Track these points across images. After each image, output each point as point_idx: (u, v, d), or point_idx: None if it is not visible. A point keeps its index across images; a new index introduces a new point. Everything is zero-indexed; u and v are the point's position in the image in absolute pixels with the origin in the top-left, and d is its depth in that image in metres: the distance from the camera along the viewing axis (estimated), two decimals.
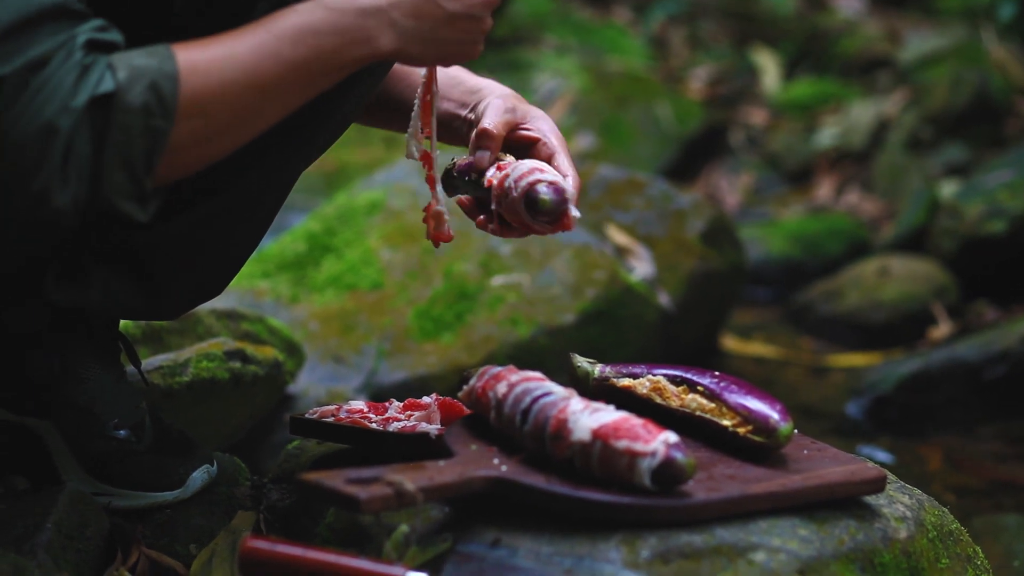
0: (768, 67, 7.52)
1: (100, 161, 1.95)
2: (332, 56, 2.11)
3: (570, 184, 2.36)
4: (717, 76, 7.60)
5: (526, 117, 2.47)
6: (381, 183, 4.44)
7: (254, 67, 2.05)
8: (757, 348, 4.81)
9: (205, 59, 2.03)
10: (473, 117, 2.48)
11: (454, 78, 2.53)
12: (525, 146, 2.44)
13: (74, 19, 1.99)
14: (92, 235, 2.21)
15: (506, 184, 2.34)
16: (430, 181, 2.43)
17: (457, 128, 2.51)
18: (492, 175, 2.38)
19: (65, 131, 1.93)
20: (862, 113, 6.62)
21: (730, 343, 4.78)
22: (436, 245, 2.45)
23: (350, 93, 2.31)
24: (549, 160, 2.42)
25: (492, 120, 2.43)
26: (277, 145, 2.27)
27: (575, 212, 2.33)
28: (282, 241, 4.30)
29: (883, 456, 3.91)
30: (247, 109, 2.08)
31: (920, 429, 4.18)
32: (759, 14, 7.97)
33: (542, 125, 2.46)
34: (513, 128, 2.45)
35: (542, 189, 2.30)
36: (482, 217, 2.42)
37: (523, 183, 2.31)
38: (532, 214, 2.31)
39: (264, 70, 2.06)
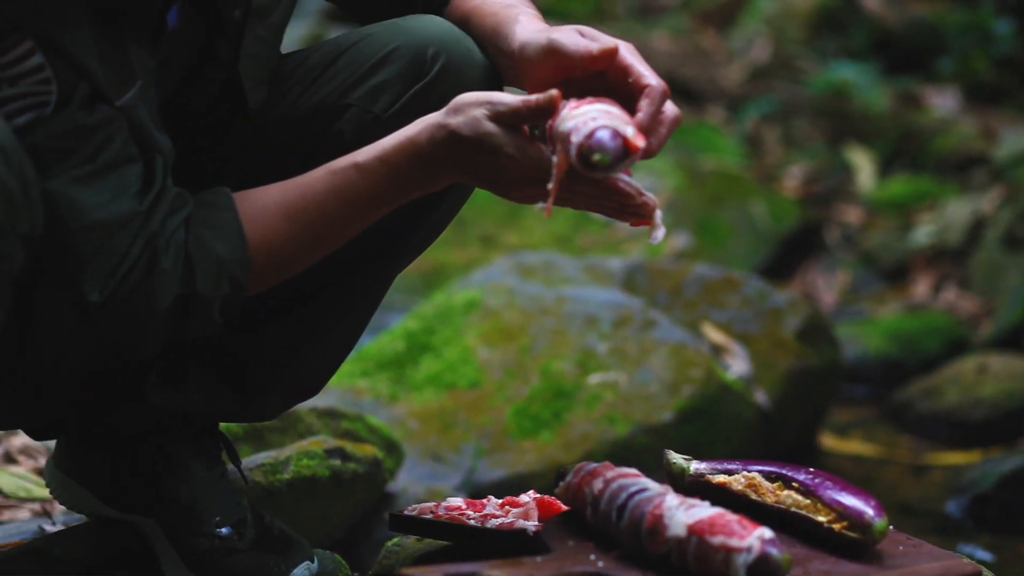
0: (863, 165, 7.51)
1: (183, 328, 2.15)
2: (387, 207, 2.19)
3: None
4: (812, 174, 7.59)
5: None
6: (478, 282, 4.47)
7: (315, 231, 2.17)
8: (855, 446, 4.78)
9: (273, 233, 2.15)
10: None
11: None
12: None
13: (150, 220, 2.09)
14: (191, 339, 2.26)
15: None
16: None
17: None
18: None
19: (153, 325, 2.10)
20: (958, 210, 6.59)
21: (828, 441, 4.76)
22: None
23: (445, 196, 2.33)
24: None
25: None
26: (373, 249, 2.31)
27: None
28: (381, 340, 4.34)
29: (983, 555, 3.86)
30: (312, 257, 2.22)
31: (1021, 528, 4.13)
32: (852, 112, 7.97)
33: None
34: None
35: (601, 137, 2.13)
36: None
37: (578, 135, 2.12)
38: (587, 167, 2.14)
39: (326, 231, 2.17)
